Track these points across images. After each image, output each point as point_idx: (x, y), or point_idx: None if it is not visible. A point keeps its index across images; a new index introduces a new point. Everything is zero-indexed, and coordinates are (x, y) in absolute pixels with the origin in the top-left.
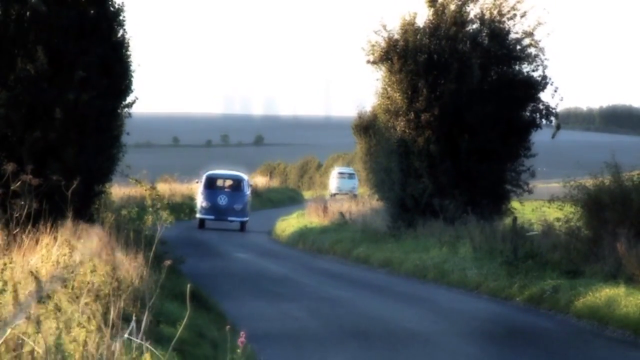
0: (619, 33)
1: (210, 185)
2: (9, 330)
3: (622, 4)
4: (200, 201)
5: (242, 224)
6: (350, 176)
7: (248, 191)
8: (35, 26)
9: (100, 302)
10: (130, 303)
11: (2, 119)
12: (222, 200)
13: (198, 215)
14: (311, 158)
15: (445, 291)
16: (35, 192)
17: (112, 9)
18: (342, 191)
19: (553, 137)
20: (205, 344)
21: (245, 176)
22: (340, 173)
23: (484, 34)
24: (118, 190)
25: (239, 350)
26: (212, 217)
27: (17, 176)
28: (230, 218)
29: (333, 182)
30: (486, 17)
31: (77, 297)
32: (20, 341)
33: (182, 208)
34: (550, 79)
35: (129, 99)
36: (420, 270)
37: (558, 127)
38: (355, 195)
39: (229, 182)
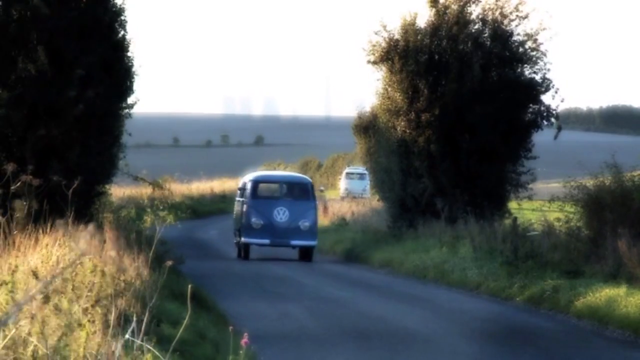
0: (619, 33)
1: (261, 192)
2: (12, 331)
3: (622, 4)
4: (243, 217)
5: (309, 250)
6: (361, 177)
7: (316, 201)
8: (36, 26)
9: (100, 303)
10: (131, 303)
11: (3, 119)
12: (282, 215)
13: (243, 239)
14: (311, 158)
15: (445, 291)
16: (35, 192)
17: (112, 9)
18: (352, 194)
19: (555, 137)
20: (206, 345)
21: (308, 178)
22: (349, 174)
23: (486, 34)
24: (118, 191)
25: (241, 352)
26: (266, 240)
27: (17, 176)
28: (294, 242)
29: (342, 184)
30: (489, 18)
31: (78, 298)
32: (20, 342)
33: (181, 207)
34: (551, 81)
35: (129, 100)
36: (420, 270)
37: (559, 128)
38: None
39: (288, 188)
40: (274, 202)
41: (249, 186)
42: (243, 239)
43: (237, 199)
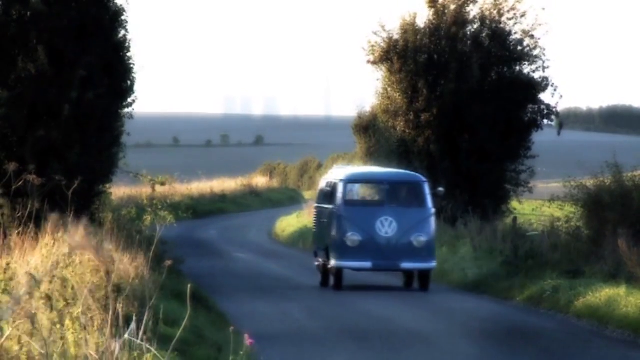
0: (619, 33)
1: (356, 196)
2: (9, 331)
3: (622, 4)
4: (332, 231)
5: (425, 275)
6: None
7: (433, 208)
8: (36, 26)
9: (99, 302)
10: (131, 303)
11: (3, 119)
12: (387, 227)
13: (334, 262)
14: (311, 158)
15: (445, 291)
16: (37, 192)
17: (113, 9)
18: None
19: (559, 134)
20: (206, 344)
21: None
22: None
23: (485, 34)
24: (118, 190)
25: (241, 352)
26: (366, 263)
27: (18, 176)
28: (405, 264)
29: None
30: (487, 17)
31: (76, 298)
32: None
33: (180, 207)
34: (550, 80)
35: (129, 99)
36: None
37: (561, 125)
38: None
39: (394, 191)
40: (376, 209)
41: (339, 188)
42: (334, 262)
43: (319, 205)
